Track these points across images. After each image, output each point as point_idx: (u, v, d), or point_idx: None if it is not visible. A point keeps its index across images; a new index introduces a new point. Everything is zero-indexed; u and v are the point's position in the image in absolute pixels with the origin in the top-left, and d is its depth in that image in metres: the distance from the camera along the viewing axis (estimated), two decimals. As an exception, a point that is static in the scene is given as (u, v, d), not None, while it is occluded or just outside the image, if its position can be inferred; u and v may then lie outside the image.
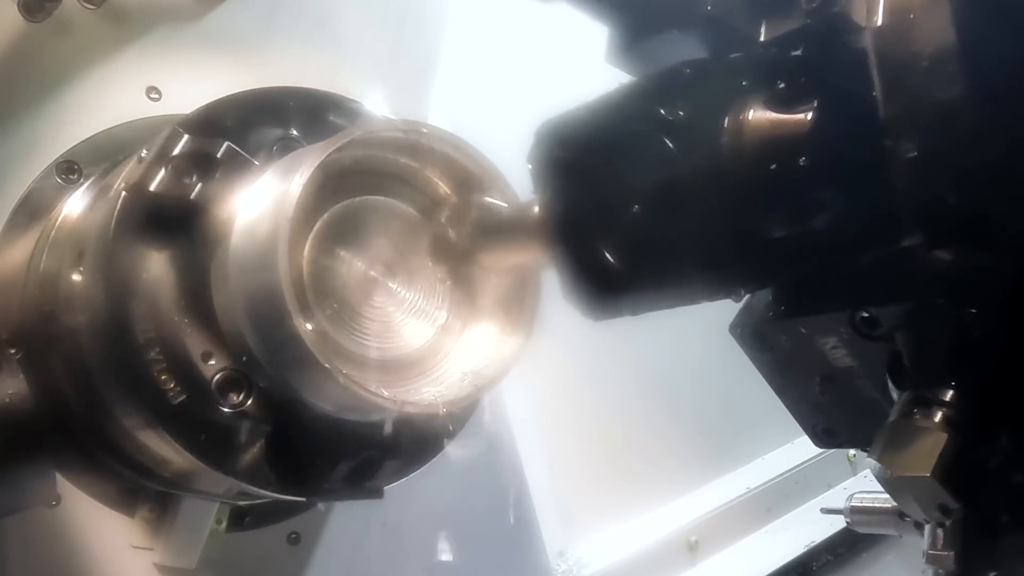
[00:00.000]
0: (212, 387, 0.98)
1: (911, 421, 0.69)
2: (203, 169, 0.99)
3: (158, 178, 0.97)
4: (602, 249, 0.81)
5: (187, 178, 0.98)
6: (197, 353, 0.98)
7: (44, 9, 1.22)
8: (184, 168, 0.98)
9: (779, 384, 0.87)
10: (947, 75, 0.63)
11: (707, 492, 2.14)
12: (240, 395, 0.99)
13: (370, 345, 1.03)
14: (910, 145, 0.65)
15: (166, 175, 0.97)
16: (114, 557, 1.20)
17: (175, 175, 0.98)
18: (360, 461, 1.06)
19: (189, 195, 0.98)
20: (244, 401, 0.99)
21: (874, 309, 0.74)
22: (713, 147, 0.72)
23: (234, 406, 0.99)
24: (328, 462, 1.04)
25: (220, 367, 0.99)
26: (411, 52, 1.61)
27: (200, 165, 0.99)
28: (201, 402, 0.97)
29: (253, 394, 1.00)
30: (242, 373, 0.99)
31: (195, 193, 0.98)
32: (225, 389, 0.99)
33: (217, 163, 0.99)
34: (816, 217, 0.70)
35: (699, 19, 0.76)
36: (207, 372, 0.98)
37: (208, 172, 0.99)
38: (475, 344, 1.08)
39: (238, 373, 0.99)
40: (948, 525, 0.71)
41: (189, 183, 0.98)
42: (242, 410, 0.99)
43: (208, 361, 0.98)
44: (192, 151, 0.99)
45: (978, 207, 0.65)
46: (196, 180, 0.98)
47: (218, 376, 0.98)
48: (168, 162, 0.98)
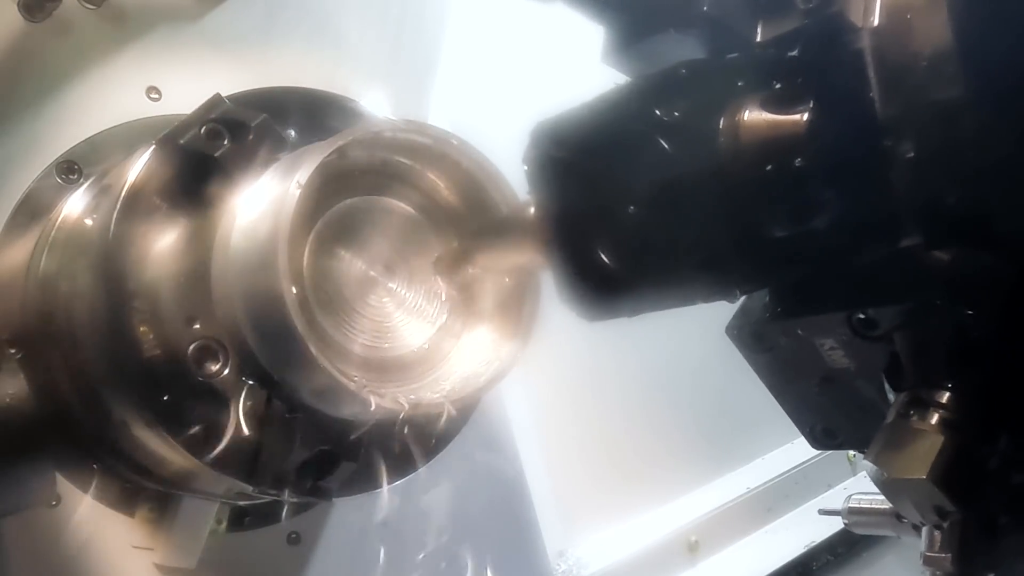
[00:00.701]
0: (214, 388, 0.98)
1: (908, 423, 0.69)
2: (236, 134, 1.01)
3: (190, 134, 0.99)
4: (598, 250, 0.81)
5: (219, 140, 1.00)
6: (198, 354, 0.98)
7: (44, 9, 1.22)
8: (217, 131, 1.01)
9: (776, 385, 0.87)
10: (945, 75, 0.63)
11: (707, 492, 2.14)
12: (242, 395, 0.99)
13: (370, 345, 1.03)
14: (908, 146, 0.65)
15: (198, 132, 1.00)
16: (114, 557, 1.20)
17: (207, 134, 1.00)
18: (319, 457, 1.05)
19: (215, 153, 1.00)
20: (248, 402, 0.99)
21: (872, 310, 0.74)
22: (710, 148, 0.72)
23: (238, 407, 0.98)
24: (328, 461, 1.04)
25: (221, 368, 0.98)
26: (411, 52, 1.61)
27: (233, 130, 1.01)
28: (202, 403, 0.97)
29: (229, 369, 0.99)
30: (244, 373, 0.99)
31: (221, 151, 1.00)
32: (227, 390, 0.99)
33: (249, 130, 1.01)
34: (813, 218, 0.70)
35: (696, 19, 0.76)
36: (208, 373, 0.98)
37: (240, 137, 1.01)
38: (475, 344, 1.08)
39: (239, 374, 0.99)
40: (945, 527, 0.70)
41: (218, 144, 1.00)
42: (247, 411, 0.99)
43: (209, 362, 0.98)
44: (228, 115, 1.01)
45: (976, 208, 0.65)
46: (227, 143, 1.01)
47: (220, 377, 0.98)
48: (204, 123, 1.00)
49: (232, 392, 0.99)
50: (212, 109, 1.01)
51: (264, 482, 1.00)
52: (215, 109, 1.01)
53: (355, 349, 1.01)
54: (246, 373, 0.98)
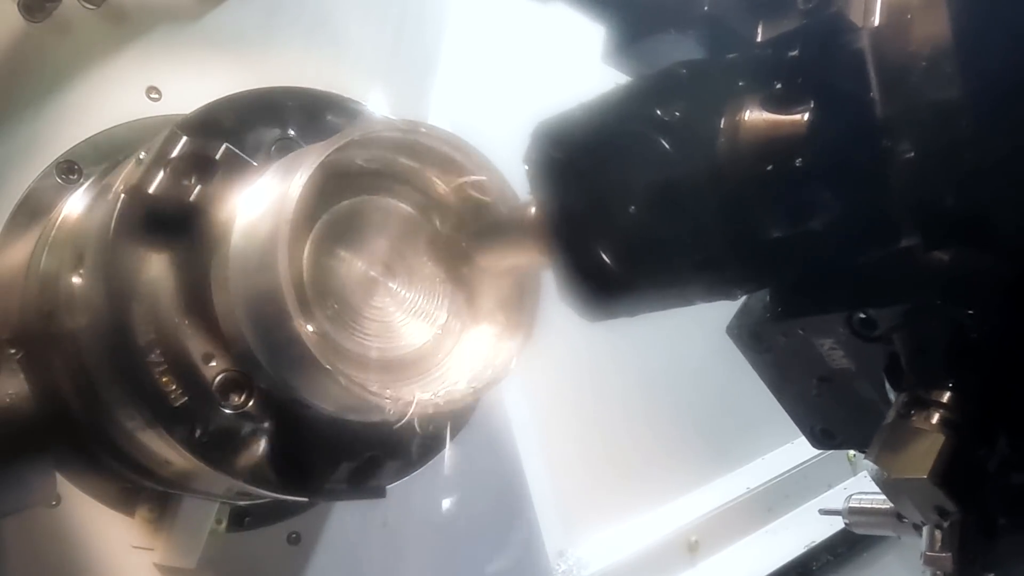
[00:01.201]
0: (214, 389, 0.98)
1: (908, 422, 0.69)
2: (202, 171, 0.99)
3: (157, 180, 0.97)
4: (598, 250, 0.81)
5: (186, 180, 0.98)
6: (198, 355, 0.98)
7: (44, 9, 1.22)
8: (183, 170, 0.98)
9: (776, 385, 0.87)
10: (944, 76, 0.63)
11: (707, 492, 2.15)
12: (241, 396, 0.99)
13: (370, 345, 1.02)
14: (907, 146, 0.65)
15: (165, 177, 0.97)
16: (114, 557, 1.20)
17: (174, 177, 0.97)
18: (362, 461, 1.06)
19: (188, 197, 0.98)
20: (245, 402, 0.99)
21: (872, 310, 0.74)
22: (710, 148, 0.72)
23: (235, 407, 0.99)
24: (329, 462, 1.04)
25: (221, 368, 0.99)
26: (411, 52, 1.61)
27: (199, 167, 0.99)
28: (203, 404, 0.97)
29: (254, 395, 1.00)
30: (243, 374, 0.99)
31: (194, 195, 0.98)
32: (227, 390, 0.99)
33: (216, 165, 0.99)
34: (813, 218, 0.70)
35: (696, 19, 0.76)
36: (208, 374, 0.98)
37: (207, 174, 0.99)
38: (475, 344, 1.08)
39: (239, 374, 0.99)
40: (945, 526, 0.70)
41: (188, 185, 0.98)
42: (244, 411, 0.99)
43: (209, 363, 0.98)
44: (190, 153, 0.98)
45: (975, 208, 0.65)
46: (195, 182, 0.98)
47: (219, 377, 0.98)
48: (166, 164, 0.97)
49: (263, 414, 1.00)
50: (170, 146, 0.98)
51: (263, 482, 1.01)
52: (173, 145, 0.98)
53: (355, 349, 1.01)
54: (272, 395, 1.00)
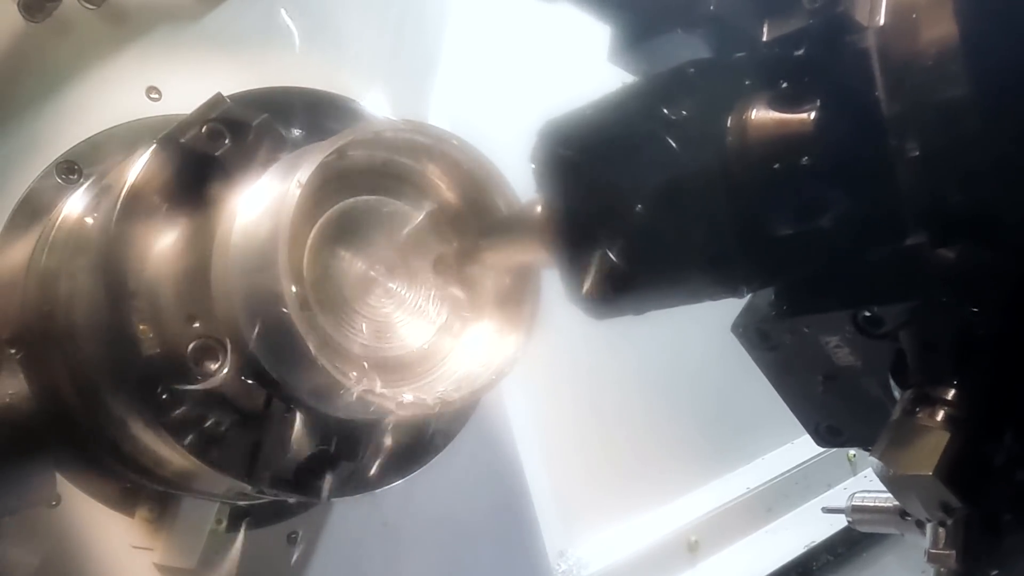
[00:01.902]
0: (215, 389, 0.98)
1: (914, 419, 0.69)
2: (236, 133, 1.01)
3: (191, 133, 0.99)
4: (605, 248, 0.81)
5: (220, 140, 1.00)
6: (199, 355, 0.98)
7: (44, 9, 1.22)
8: (218, 130, 1.00)
9: (782, 383, 0.87)
10: (950, 74, 0.63)
11: (707, 492, 2.15)
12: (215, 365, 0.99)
13: (370, 345, 1.02)
14: (913, 144, 0.65)
15: (199, 132, 1.00)
16: (114, 557, 1.19)
17: (208, 134, 1.00)
18: (362, 460, 1.06)
19: (215, 152, 1.00)
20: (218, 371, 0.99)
21: (877, 308, 0.74)
22: (717, 146, 0.72)
23: (239, 408, 0.99)
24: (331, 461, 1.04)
25: (222, 369, 0.98)
26: (411, 52, 1.61)
27: (234, 130, 1.01)
28: (204, 404, 0.97)
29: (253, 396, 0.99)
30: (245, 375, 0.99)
31: (222, 150, 1.00)
32: (228, 391, 0.98)
33: (250, 130, 1.01)
34: (819, 216, 0.70)
35: (702, 19, 0.77)
36: (209, 374, 0.98)
37: (240, 136, 1.01)
38: (475, 344, 1.08)
39: (241, 375, 0.99)
40: (950, 524, 0.71)
41: (219, 144, 1.00)
42: (246, 412, 0.99)
43: (210, 363, 0.98)
44: (228, 116, 1.01)
45: (981, 205, 0.65)
46: (228, 143, 1.00)
47: (221, 378, 0.98)
48: (205, 123, 1.00)
49: (231, 391, 0.99)
50: (213, 108, 1.01)
51: (262, 482, 1.00)
52: (216, 108, 1.01)
53: (355, 349, 1.01)
54: (245, 372, 0.98)
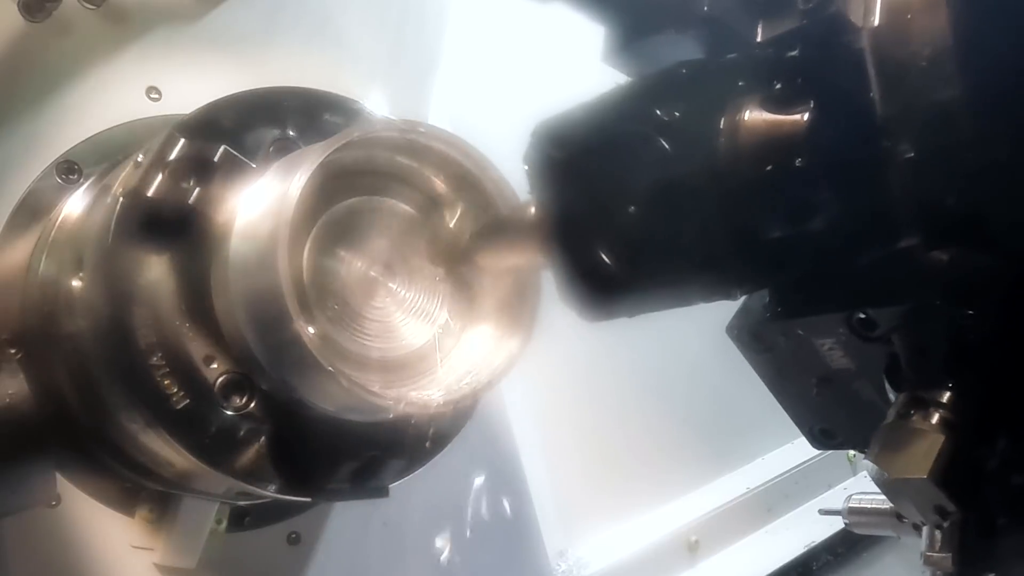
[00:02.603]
0: (215, 390, 0.98)
1: (908, 423, 0.69)
2: (201, 173, 0.98)
3: (155, 183, 0.96)
4: (598, 250, 0.81)
5: (185, 183, 0.97)
6: (199, 357, 0.98)
7: (44, 9, 1.22)
8: (181, 173, 0.97)
9: (776, 385, 0.87)
10: (945, 76, 0.63)
11: (707, 492, 2.15)
12: (243, 398, 0.99)
13: (370, 345, 1.03)
14: (907, 146, 0.65)
15: (163, 180, 0.97)
16: (114, 557, 1.20)
17: (172, 180, 0.97)
18: (364, 460, 1.06)
19: (187, 200, 0.97)
20: (247, 403, 0.99)
21: (871, 310, 0.74)
22: (710, 148, 0.72)
23: (237, 408, 0.99)
24: (332, 462, 1.04)
25: (223, 370, 0.99)
26: (411, 52, 1.61)
27: (197, 169, 0.98)
28: (205, 406, 0.97)
29: (256, 396, 1.00)
30: (244, 375, 0.99)
31: (193, 198, 0.97)
32: (228, 392, 0.99)
33: (214, 167, 0.99)
34: (813, 218, 0.70)
35: (696, 19, 0.76)
36: (210, 376, 0.98)
37: (206, 176, 0.98)
38: (475, 344, 1.08)
39: (240, 376, 0.99)
40: (945, 527, 0.70)
41: (187, 187, 0.97)
42: (246, 412, 0.99)
43: (211, 365, 0.98)
44: (189, 155, 0.98)
45: (975, 208, 0.65)
46: (194, 184, 0.98)
47: (221, 379, 0.98)
48: (165, 167, 0.97)
49: (264, 415, 1.00)
50: (169, 148, 0.98)
51: (263, 482, 1.01)
52: (172, 148, 0.98)
53: (355, 349, 1.01)
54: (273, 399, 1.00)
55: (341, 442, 1.04)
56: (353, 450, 1.05)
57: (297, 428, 1.01)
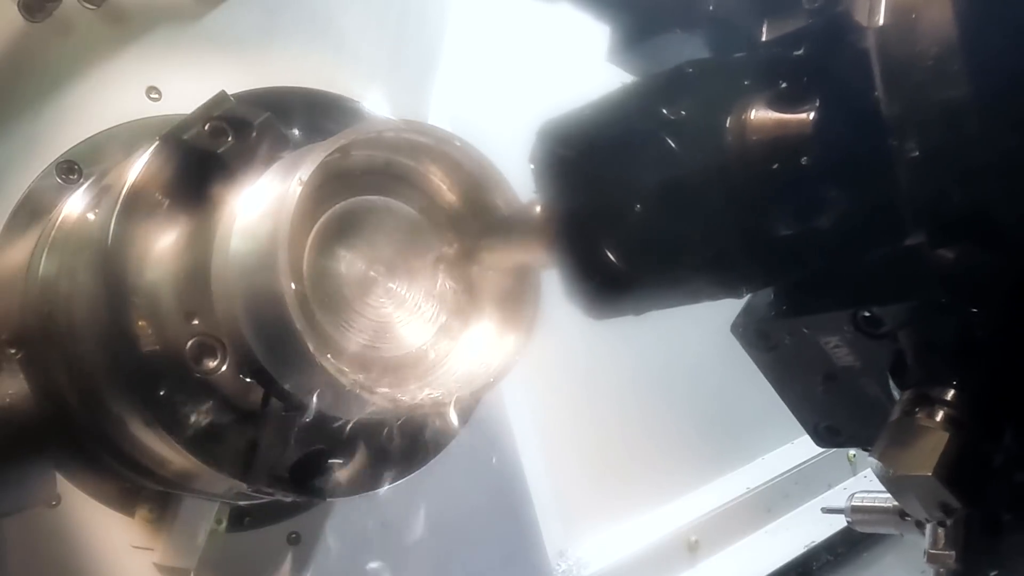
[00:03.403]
0: (217, 391, 0.98)
1: (913, 420, 0.69)
2: (238, 131, 1.01)
3: (194, 130, 1.00)
4: (604, 248, 0.81)
5: (222, 137, 1.01)
6: (200, 358, 0.98)
7: (44, 9, 1.22)
8: (221, 128, 1.01)
9: (781, 383, 0.87)
10: (950, 74, 0.63)
11: (707, 492, 2.15)
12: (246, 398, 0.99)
13: (371, 345, 1.02)
14: (913, 144, 0.65)
15: (202, 129, 1.00)
16: (114, 557, 1.20)
17: (211, 131, 1.00)
18: (362, 458, 1.06)
19: (218, 150, 1.00)
20: (252, 403, 0.99)
21: (877, 308, 0.74)
22: (716, 147, 0.72)
23: (241, 409, 0.99)
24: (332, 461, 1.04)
25: (224, 371, 0.98)
26: (411, 52, 1.61)
27: (236, 128, 1.01)
28: (206, 407, 0.97)
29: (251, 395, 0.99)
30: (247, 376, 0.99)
31: (224, 148, 1.00)
32: (230, 393, 0.99)
33: (252, 129, 1.02)
34: (819, 216, 0.70)
35: (701, 19, 0.77)
36: (211, 376, 0.98)
37: (242, 134, 1.01)
38: (475, 344, 1.08)
39: (243, 376, 0.99)
40: (949, 524, 0.71)
41: (222, 141, 1.01)
42: (249, 413, 0.99)
43: (211, 366, 0.98)
44: (231, 114, 1.01)
45: (981, 206, 0.65)
46: (231, 140, 1.01)
47: (222, 380, 0.98)
48: (208, 120, 1.00)
49: (230, 390, 0.99)
50: (216, 107, 1.01)
51: (259, 480, 1.00)
52: (219, 107, 1.01)
53: (355, 349, 1.01)
54: (244, 371, 0.98)
55: (341, 441, 1.04)
56: (352, 448, 1.05)
57: (298, 428, 1.01)
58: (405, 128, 1.01)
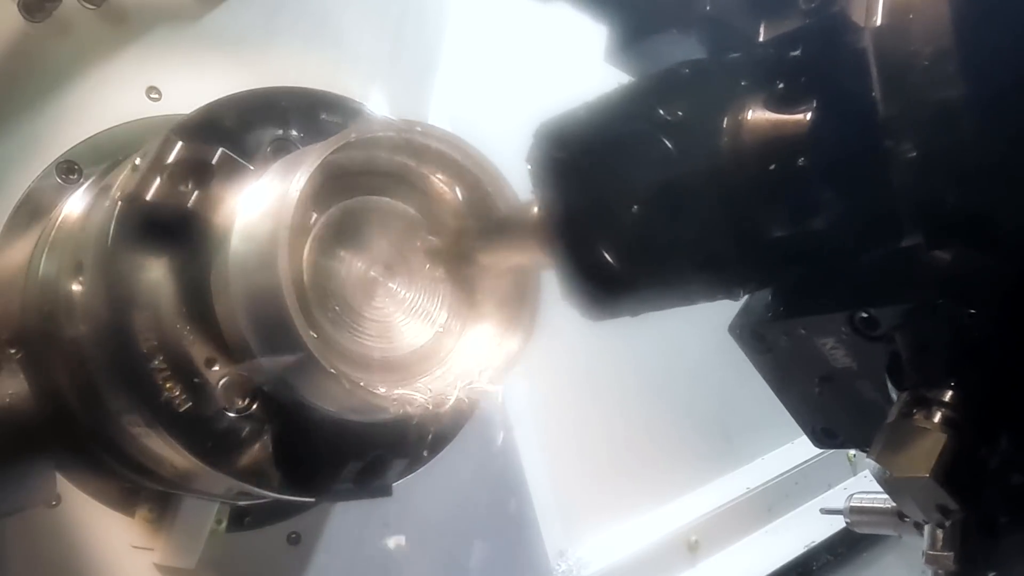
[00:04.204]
0: (217, 393, 0.98)
1: (910, 421, 0.69)
2: (199, 176, 0.98)
3: (154, 187, 0.96)
4: (601, 249, 0.81)
5: (183, 186, 0.97)
6: (201, 359, 0.98)
7: (44, 9, 1.22)
8: (179, 176, 0.97)
9: (778, 385, 0.87)
10: (946, 75, 0.63)
11: (707, 492, 2.14)
12: (245, 399, 0.99)
13: (371, 345, 1.03)
14: (909, 145, 0.65)
15: (161, 184, 0.96)
16: (114, 557, 1.20)
17: (171, 183, 0.97)
18: (367, 460, 1.06)
19: (186, 203, 0.97)
20: (249, 405, 0.99)
21: (873, 309, 0.74)
22: (712, 147, 0.72)
23: (240, 410, 0.99)
24: (335, 462, 1.04)
25: (224, 372, 0.98)
26: (411, 52, 1.61)
27: (195, 172, 0.98)
28: (207, 408, 0.97)
29: (258, 397, 1.00)
30: (246, 377, 0.99)
31: (192, 201, 0.97)
32: (230, 394, 0.99)
33: (212, 170, 0.98)
34: (815, 217, 0.70)
35: (698, 19, 0.76)
36: (212, 378, 0.98)
37: (204, 178, 0.98)
38: (475, 344, 1.08)
39: (242, 377, 0.99)
40: (947, 526, 0.71)
41: (185, 191, 0.97)
42: (248, 413, 0.99)
43: (212, 367, 0.98)
44: (187, 158, 0.98)
45: (977, 207, 0.65)
46: (192, 187, 0.97)
47: (223, 381, 0.98)
48: (163, 170, 0.96)
49: (266, 416, 1.00)
50: (166, 152, 0.97)
51: (264, 482, 1.01)
52: (169, 151, 0.98)
53: (355, 349, 1.01)
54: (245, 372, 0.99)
55: (343, 442, 1.04)
56: (355, 450, 1.05)
57: (299, 428, 1.01)
58: (405, 128, 1.01)
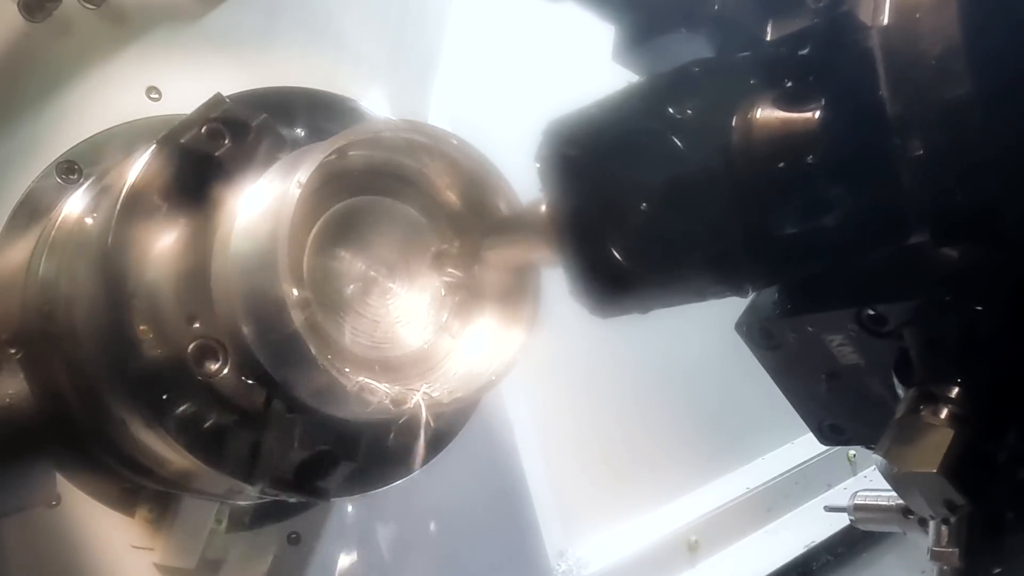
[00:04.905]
0: (218, 392, 0.98)
1: (918, 417, 0.69)
2: (236, 136, 1.01)
3: (191, 133, 0.99)
4: (610, 247, 0.81)
5: (219, 140, 1.00)
6: (201, 359, 0.98)
7: (44, 9, 1.22)
8: (218, 130, 1.00)
9: (785, 382, 0.87)
10: (954, 73, 0.63)
11: (707, 492, 2.15)
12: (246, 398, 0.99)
13: (371, 345, 1.02)
14: (917, 143, 0.65)
15: (199, 132, 0.99)
16: (114, 557, 1.19)
17: (208, 134, 1.00)
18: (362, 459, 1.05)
19: (215, 152, 1.00)
20: (250, 404, 0.99)
21: (881, 306, 0.74)
22: (722, 145, 0.72)
23: (241, 410, 0.98)
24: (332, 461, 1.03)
25: (224, 371, 0.98)
26: (411, 52, 1.62)
27: (234, 130, 1.01)
28: (207, 408, 0.97)
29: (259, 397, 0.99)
30: (247, 376, 0.99)
31: (222, 151, 1.00)
32: (231, 393, 0.98)
33: (251, 131, 1.01)
34: (824, 215, 0.70)
35: (706, 18, 0.76)
36: (212, 378, 0.98)
37: (240, 138, 1.01)
38: (475, 344, 1.08)
39: (243, 376, 0.99)
40: (953, 521, 0.71)
41: (219, 144, 1.00)
42: (248, 413, 0.99)
43: (212, 366, 0.98)
44: (229, 116, 1.01)
45: (985, 204, 0.65)
46: (228, 143, 1.00)
47: (223, 381, 0.98)
48: (205, 123, 1.00)
49: (231, 391, 0.99)
50: (213, 108, 1.01)
51: (263, 482, 1.00)
52: (216, 108, 1.01)
53: (355, 349, 1.01)
54: (246, 373, 0.98)
55: (339, 441, 1.03)
56: (352, 449, 1.04)
57: (299, 429, 1.01)
58: (405, 128, 1.01)
